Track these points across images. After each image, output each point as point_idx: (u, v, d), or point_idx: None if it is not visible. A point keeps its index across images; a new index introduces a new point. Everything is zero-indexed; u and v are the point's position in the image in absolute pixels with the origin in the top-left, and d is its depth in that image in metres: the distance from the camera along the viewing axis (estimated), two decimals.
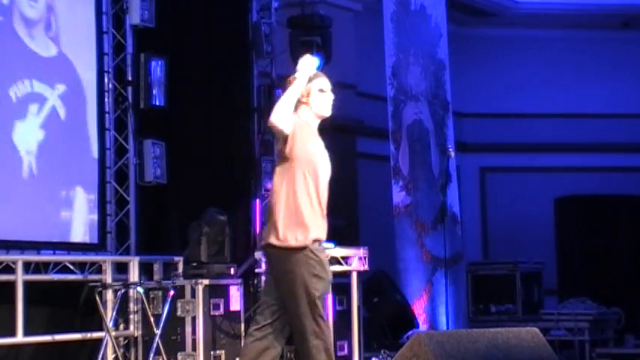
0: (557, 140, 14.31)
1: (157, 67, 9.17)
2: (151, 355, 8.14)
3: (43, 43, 8.62)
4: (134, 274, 8.83)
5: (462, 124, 13.58)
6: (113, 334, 8.38)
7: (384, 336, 10.50)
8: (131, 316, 8.70)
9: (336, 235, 8.81)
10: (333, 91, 6.11)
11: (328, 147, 12.63)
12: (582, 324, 10.99)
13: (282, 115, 5.83)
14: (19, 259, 8.08)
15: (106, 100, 9.12)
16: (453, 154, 10.79)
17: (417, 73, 11.76)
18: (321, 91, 6.07)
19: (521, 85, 14.38)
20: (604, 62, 14.45)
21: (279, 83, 10.70)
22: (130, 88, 9.17)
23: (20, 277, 8.01)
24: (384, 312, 10.79)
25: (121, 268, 8.89)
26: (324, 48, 10.80)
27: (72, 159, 8.82)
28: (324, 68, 11.08)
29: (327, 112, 6.10)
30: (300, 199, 5.89)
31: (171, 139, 9.44)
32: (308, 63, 6.03)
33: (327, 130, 12.72)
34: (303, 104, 6.01)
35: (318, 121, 6.10)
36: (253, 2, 10.52)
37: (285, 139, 5.88)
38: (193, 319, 8.33)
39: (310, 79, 6.05)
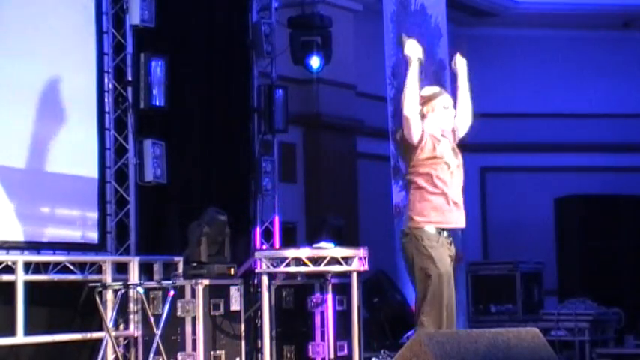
0: (557, 140, 14.30)
1: (157, 67, 9.17)
2: (151, 355, 8.14)
3: None
4: (134, 274, 8.83)
5: None
6: (113, 334, 8.38)
7: (384, 336, 10.50)
8: (131, 316, 8.70)
9: (336, 235, 8.83)
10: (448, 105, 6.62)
11: (328, 147, 12.62)
12: (582, 324, 10.99)
13: (413, 106, 6.36)
14: (19, 259, 8.08)
15: (106, 100, 9.11)
16: None
17: None
18: (445, 107, 6.61)
19: (521, 85, 14.37)
20: (604, 62, 14.44)
21: (279, 83, 10.72)
22: (130, 88, 9.17)
23: (20, 277, 8.02)
24: (384, 312, 10.79)
25: (121, 268, 8.89)
26: (324, 48, 10.81)
27: (71, 158, 8.83)
28: (324, 68, 11.16)
29: (449, 126, 6.66)
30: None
31: (171, 139, 9.44)
32: (413, 47, 6.46)
33: (328, 130, 12.79)
34: (426, 119, 6.53)
35: (440, 132, 6.60)
36: (253, 2, 10.52)
37: (417, 131, 6.40)
38: (193, 319, 8.33)
39: (436, 96, 6.61)
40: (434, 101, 6.60)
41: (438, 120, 6.61)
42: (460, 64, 6.93)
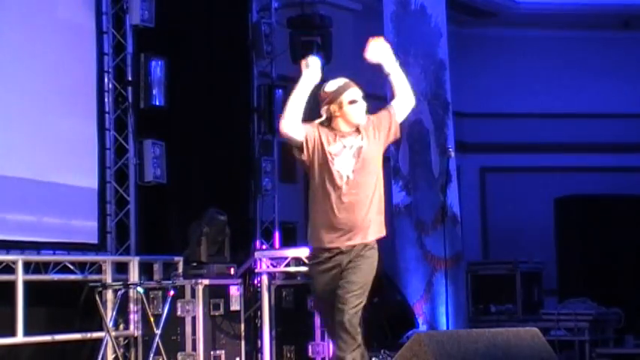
0: (557, 140, 14.30)
1: (157, 67, 9.18)
2: (151, 355, 8.14)
3: None
4: (134, 274, 8.84)
5: (462, 124, 13.58)
6: (113, 334, 8.39)
7: (384, 336, 10.49)
8: (131, 316, 8.70)
9: None
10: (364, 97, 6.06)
11: None
12: (582, 324, 10.98)
13: (289, 121, 5.86)
14: (19, 259, 8.08)
15: (106, 100, 9.12)
16: (452, 154, 10.79)
17: (417, 73, 11.75)
18: (352, 102, 6.00)
19: (521, 85, 14.37)
20: (604, 62, 14.44)
21: (279, 83, 10.72)
22: (130, 88, 9.18)
23: (20, 277, 8.02)
24: (384, 312, 10.78)
25: (121, 268, 8.90)
26: (324, 48, 10.81)
27: (72, 158, 8.83)
28: (324, 68, 11.15)
29: (361, 120, 6.00)
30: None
31: (171, 139, 9.44)
32: (311, 64, 5.95)
33: None
34: (337, 117, 5.96)
35: (353, 128, 5.99)
36: (253, 2, 10.53)
37: (299, 146, 5.95)
38: (193, 319, 8.33)
39: (341, 92, 6.01)
40: (339, 98, 5.97)
41: (347, 117, 5.96)
42: (377, 48, 6.12)
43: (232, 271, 8.79)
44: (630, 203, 13.35)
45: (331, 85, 6.06)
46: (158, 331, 8.12)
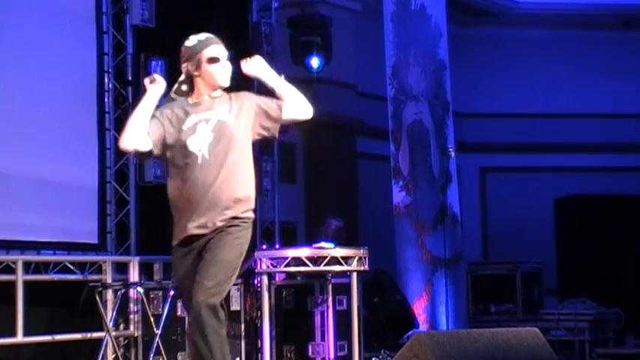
0: (557, 140, 14.31)
1: (157, 67, 9.17)
2: (151, 355, 8.14)
3: None
4: (134, 274, 8.84)
5: (462, 124, 13.58)
6: (113, 334, 8.38)
7: (384, 336, 10.49)
8: (131, 316, 8.70)
9: (337, 236, 8.81)
10: (229, 59, 5.55)
11: (328, 147, 12.52)
12: (582, 324, 10.99)
13: (132, 137, 5.30)
14: (19, 259, 8.08)
15: (106, 100, 9.12)
16: (453, 154, 10.80)
17: (417, 73, 11.76)
18: (212, 60, 5.44)
19: (521, 85, 14.38)
20: (604, 62, 14.45)
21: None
22: (130, 88, 9.17)
23: (20, 277, 8.02)
24: (384, 312, 10.78)
25: (121, 268, 8.89)
26: (324, 48, 10.82)
27: (72, 158, 8.82)
28: (324, 68, 11.16)
29: (223, 82, 5.45)
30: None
31: None
32: (157, 79, 5.49)
33: (328, 130, 12.81)
34: (196, 78, 5.44)
35: (214, 91, 5.47)
36: (253, 2, 10.53)
37: (148, 153, 5.41)
38: None
39: (200, 48, 5.45)
40: (198, 55, 5.43)
41: (206, 77, 5.43)
42: (252, 64, 5.67)
43: None
44: (630, 203, 13.36)
45: (191, 40, 5.52)
46: (158, 331, 8.12)
